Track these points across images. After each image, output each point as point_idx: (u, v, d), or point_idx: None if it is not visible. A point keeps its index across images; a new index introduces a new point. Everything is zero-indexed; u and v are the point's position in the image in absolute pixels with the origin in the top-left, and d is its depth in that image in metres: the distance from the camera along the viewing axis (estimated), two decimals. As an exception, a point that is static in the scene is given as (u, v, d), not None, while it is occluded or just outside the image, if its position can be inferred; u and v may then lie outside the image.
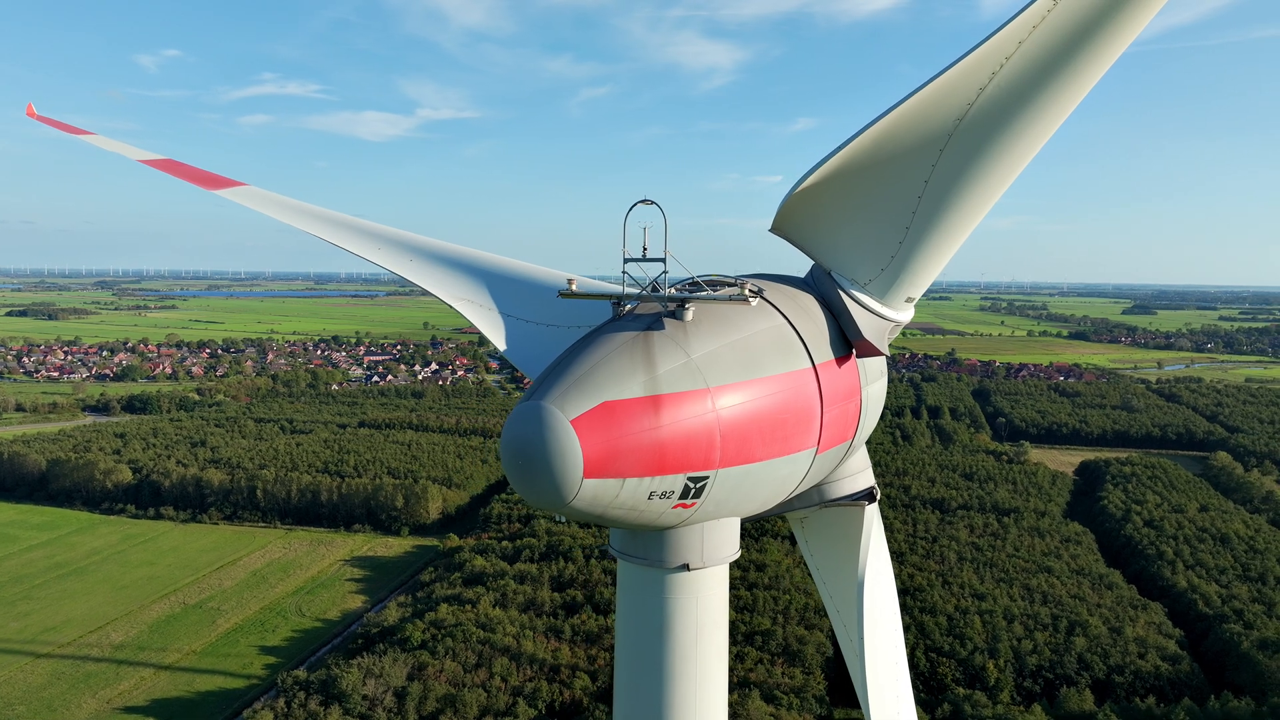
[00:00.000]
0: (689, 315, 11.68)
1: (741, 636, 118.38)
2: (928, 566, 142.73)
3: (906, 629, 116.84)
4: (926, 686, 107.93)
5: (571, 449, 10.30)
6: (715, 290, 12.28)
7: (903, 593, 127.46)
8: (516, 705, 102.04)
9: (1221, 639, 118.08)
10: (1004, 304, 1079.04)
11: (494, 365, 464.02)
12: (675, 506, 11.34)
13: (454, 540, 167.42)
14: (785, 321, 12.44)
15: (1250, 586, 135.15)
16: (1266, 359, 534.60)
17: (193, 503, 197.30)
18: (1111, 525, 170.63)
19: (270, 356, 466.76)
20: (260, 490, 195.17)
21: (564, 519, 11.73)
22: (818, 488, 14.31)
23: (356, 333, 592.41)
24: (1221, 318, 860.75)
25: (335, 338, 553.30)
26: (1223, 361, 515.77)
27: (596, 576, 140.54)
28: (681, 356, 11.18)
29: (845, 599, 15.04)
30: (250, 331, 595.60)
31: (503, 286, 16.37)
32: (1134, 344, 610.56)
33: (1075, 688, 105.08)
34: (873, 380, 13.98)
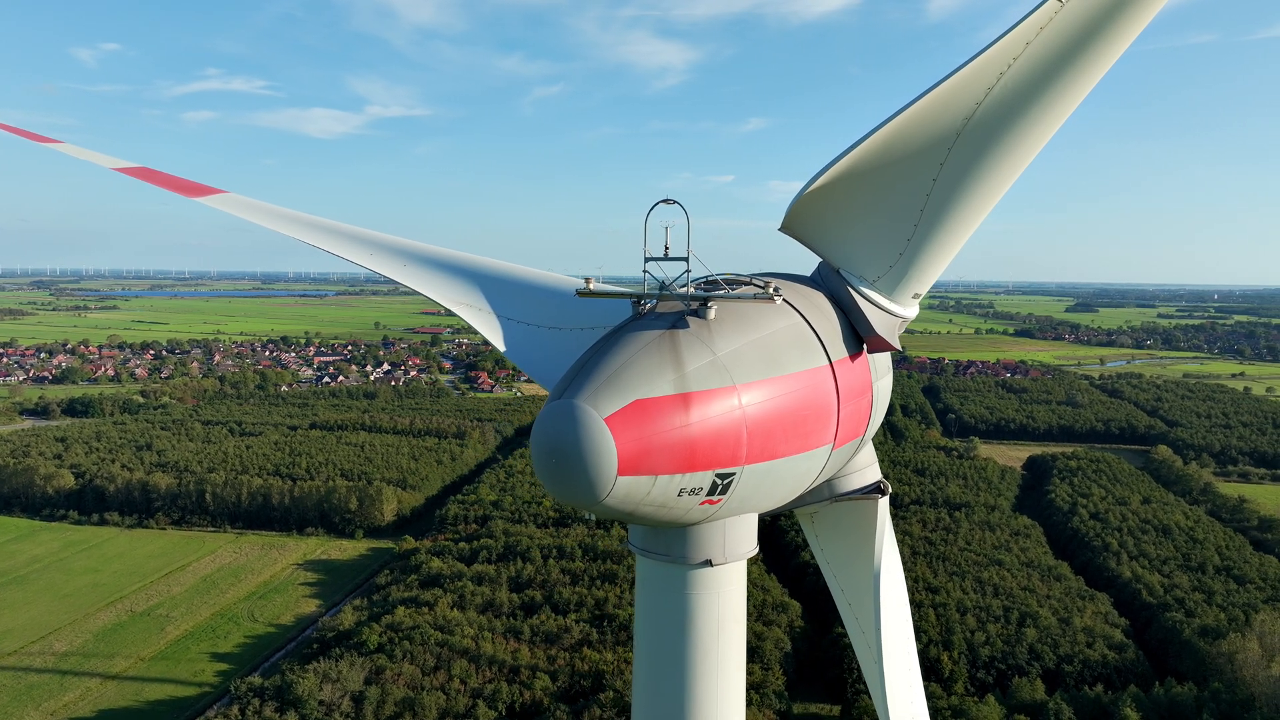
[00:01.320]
0: (712, 314, 11.83)
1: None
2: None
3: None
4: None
5: (606, 447, 10.39)
6: (733, 289, 12.44)
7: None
8: (476, 707, 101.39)
9: (1164, 627, 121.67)
10: (951, 302, 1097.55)
11: (447, 365, 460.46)
12: (702, 503, 11.48)
13: (410, 542, 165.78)
14: (802, 319, 12.66)
15: (1190, 576, 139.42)
16: (1203, 355, 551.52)
17: (139, 508, 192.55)
18: (1059, 518, 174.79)
19: (217, 358, 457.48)
20: (209, 494, 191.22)
21: (591, 516, 11.80)
22: (828, 483, 14.54)
23: (306, 333, 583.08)
24: (1160, 315, 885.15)
25: (284, 338, 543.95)
26: (1161, 358, 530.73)
27: (555, 577, 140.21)
28: (708, 355, 11.32)
29: (858, 593, 15.29)
30: (196, 332, 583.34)
31: (501, 290, 16.41)
32: (1077, 341, 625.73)
33: (1027, 678, 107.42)
34: (881, 376, 14.28)
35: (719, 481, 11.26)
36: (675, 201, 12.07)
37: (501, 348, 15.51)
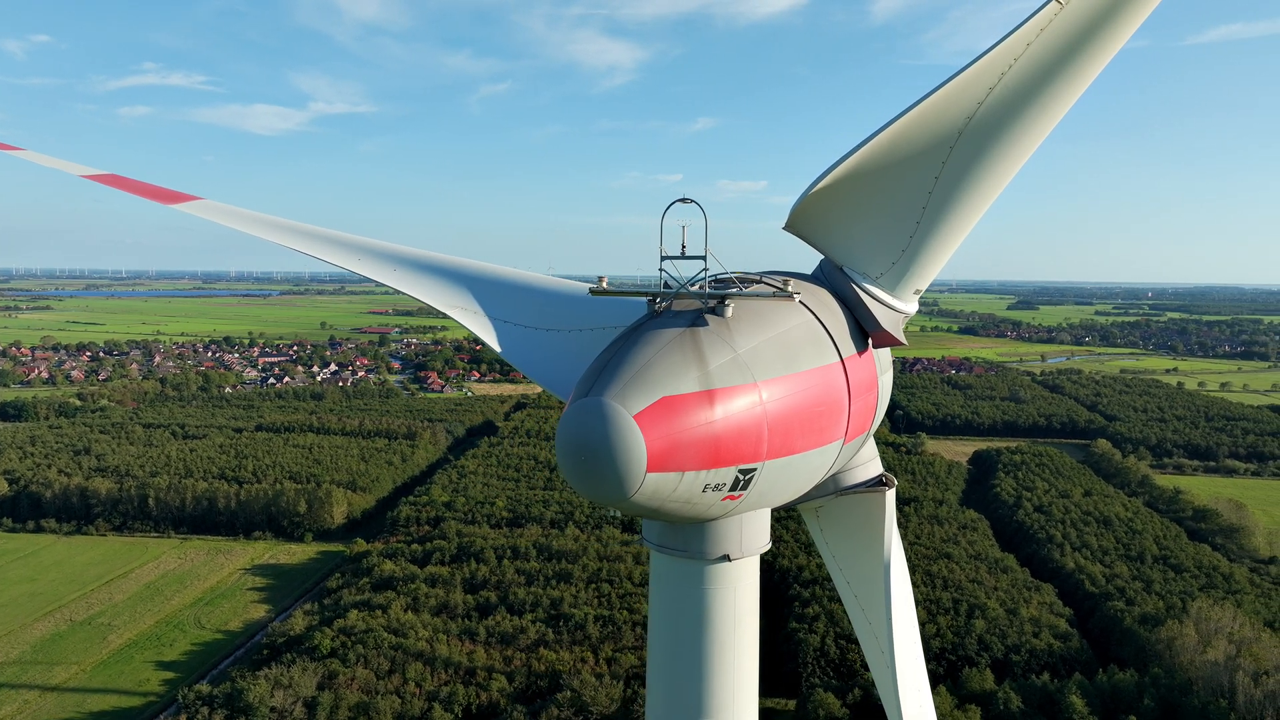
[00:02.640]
0: (729, 312, 11.96)
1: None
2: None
3: (816, 618, 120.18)
4: (838, 673, 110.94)
5: (635, 444, 10.46)
6: (745, 287, 12.58)
7: (812, 583, 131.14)
8: (432, 710, 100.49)
9: (1106, 616, 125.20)
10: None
11: (396, 366, 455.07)
12: (725, 498, 11.60)
13: (361, 545, 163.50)
14: (814, 317, 12.85)
15: (1130, 566, 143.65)
16: (1138, 351, 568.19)
17: (77, 514, 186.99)
18: (1004, 511, 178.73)
19: (157, 359, 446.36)
20: (152, 499, 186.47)
21: (616, 513, 11.85)
22: (833, 477, 14.72)
23: (249, 333, 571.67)
24: (1097, 313, 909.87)
25: (227, 339, 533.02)
26: (1100, 354, 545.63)
27: (510, 577, 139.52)
28: (729, 352, 11.45)
29: (866, 587, 15.51)
30: (134, 333, 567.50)
31: (494, 292, 16.41)
32: (1019, 338, 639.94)
33: (976, 668, 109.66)
34: (884, 371, 14.55)
35: (741, 477, 11.41)
36: (693, 201, 12.19)
37: (499, 349, 15.51)
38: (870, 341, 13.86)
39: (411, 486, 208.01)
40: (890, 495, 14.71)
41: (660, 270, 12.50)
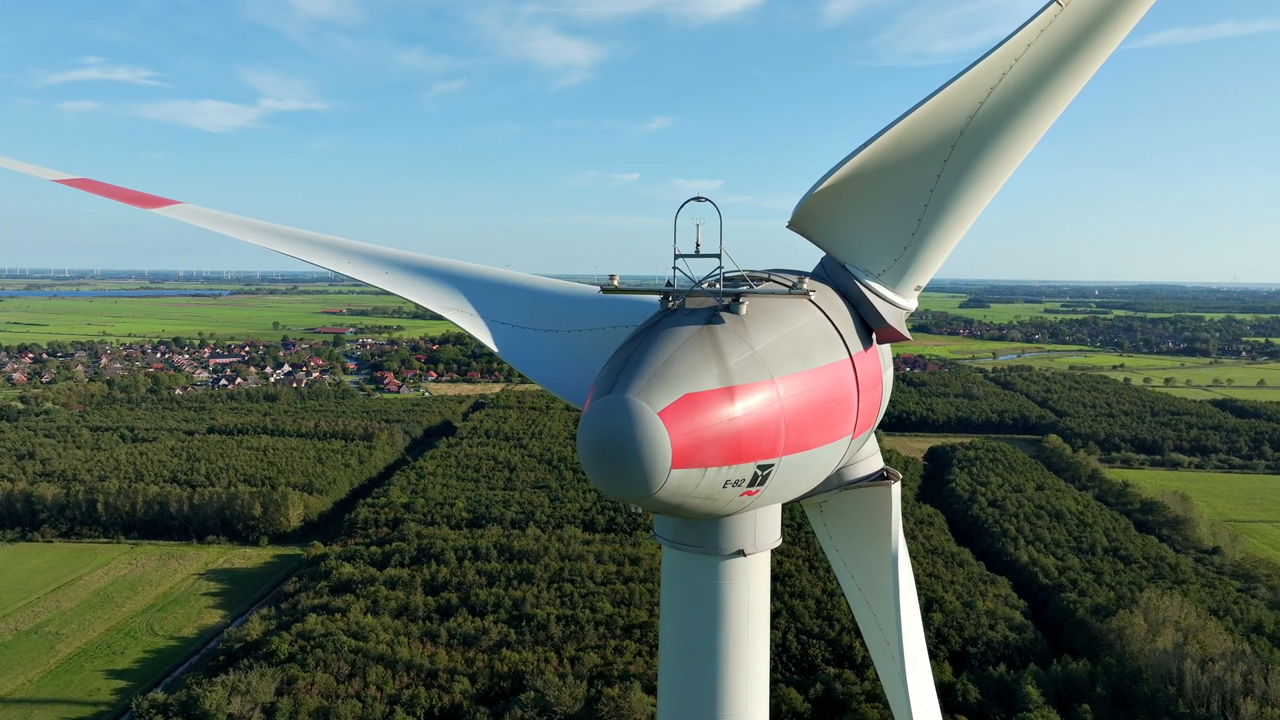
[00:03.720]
0: (744, 309, 12.07)
1: (620, 630, 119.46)
2: (795, 553, 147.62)
3: (777, 614, 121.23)
4: (799, 668, 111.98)
5: (660, 440, 10.51)
6: (754, 285, 12.68)
7: (773, 578, 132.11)
8: (394, 713, 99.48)
9: (1060, 607, 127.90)
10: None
11: (351, 366, 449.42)
12: (743, 494, 11.72)
13: (318, 548, 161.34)
14: (823, 314, 13.03)
15: (1082, 558, 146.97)
16: (1086, 348, 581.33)
17: (21, 520, 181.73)
18: (960, 506, 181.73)
19: (104, 360, 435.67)
20: (101, 503, 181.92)
21: (638, 509, 11.93)
22: (838, 472, 14.90)
23: (200, 334, 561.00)
24: (1046, 310, 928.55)
25: (176, 339, 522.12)
26: (1049, 351, 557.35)
27: (471, 578, 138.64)
28: (746, 349, 11.58)
29: (872, 580, 15.70)
30: (79, 334, 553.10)
31: (488, 294, 16.46)
32: (971, 336, 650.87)
33: (935, 660, 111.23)
34: (886, 367, 14.78)
35: (759, 472, 11.54)
36: (707, 199, 12.26)
37: (496, 350, 15.56)
38: (874, 337, 14.06)
39: (369, 488, 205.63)
40: (896, 489, 14.92)
41: (674, 269, 12.62)
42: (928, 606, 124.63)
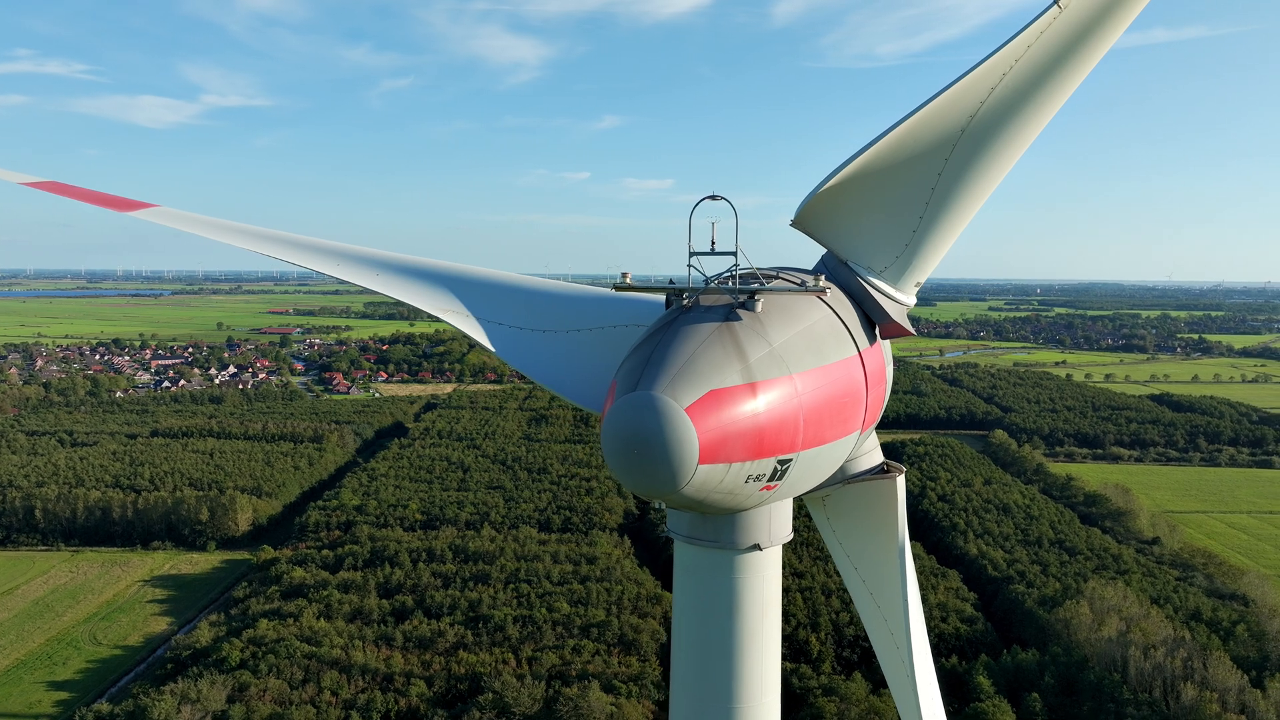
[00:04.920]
0: (759, 306, 12.20)
1: (578, 629, 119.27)
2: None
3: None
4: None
5: (688, 437, 10.58)
6: (765, 283, 12.80)
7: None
8: (349, 719, 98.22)
9: (1009, 599, 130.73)
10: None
11: (299, 367, 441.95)
12: (763, 489, 11.86)
13: (269, 552, 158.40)
14: (831, 311, 13.22)
15: (1029, 550, 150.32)
16: (1030, 345, 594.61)
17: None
18: (910, 501, 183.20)
19: (40, 363, 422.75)
20: (39, 510, 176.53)
21: (661, 505, 11.94)
22: (841, 466, 15.06)
23: (141, 335, 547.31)
24: (991, 308, 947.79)
25: (116, 340, 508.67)
26: (994, 348, 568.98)
27: (426, 580, 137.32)
28: (765, 346, 11.73)
29: (877, 573, 15.87)
30: (12, 335, 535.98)
31: (483, 294, 16.39)
32: (918, 333, 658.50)
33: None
34: (888, 363, 15.06)
35: (779, 467, 11.69)
36: (722, 198, 12.34)
37: (494, 350, 15.54)
38: (878, 333, 14.29)
39: (320, 491, 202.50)
40: (901, 481, 15.15)
41: (689, 266, 12.71)
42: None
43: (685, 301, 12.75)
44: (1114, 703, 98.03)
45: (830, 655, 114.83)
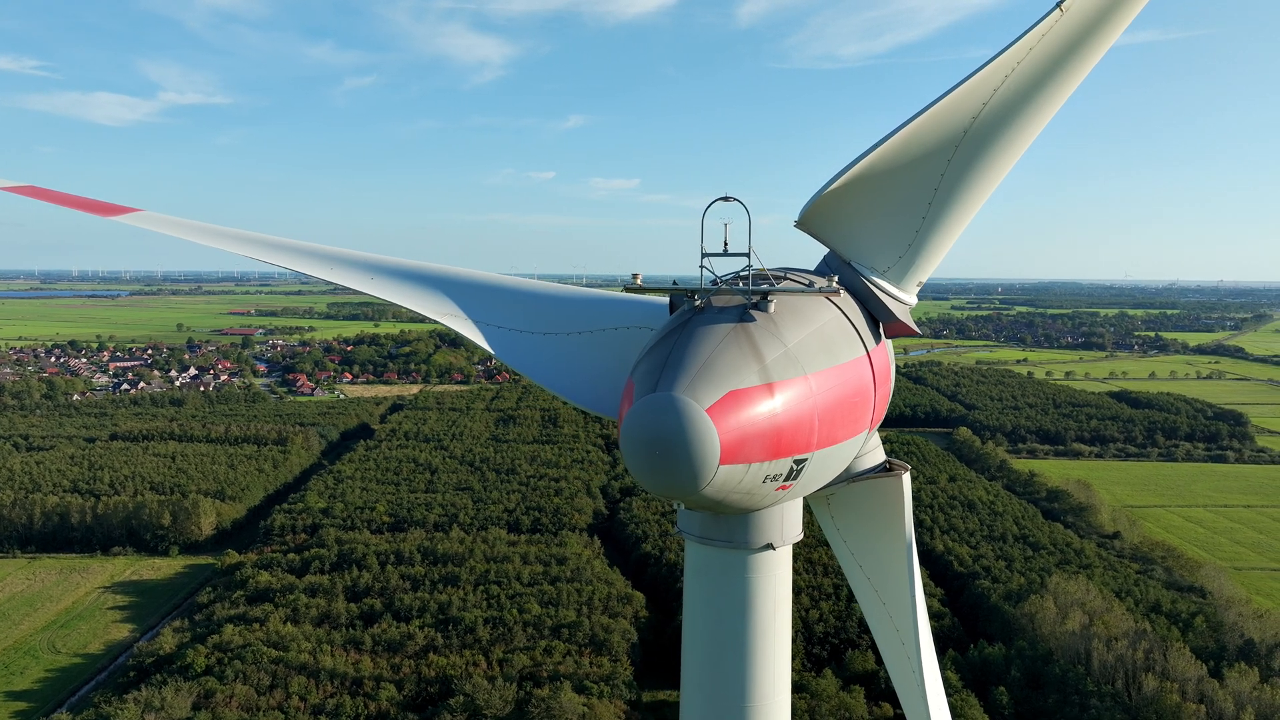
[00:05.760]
0: (772, 307, 12.27)
1: (549, 630, 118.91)
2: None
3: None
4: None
5: (709, 437, 10.60)
6: (774, 283, 12.88)
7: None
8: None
9: (975, 594, 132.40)
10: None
11: (261, 369, 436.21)
12: (779, 489, 11.93)
13: (233, 556, 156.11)
14: (840, 311, 13.34)
15: (994, 546, 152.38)
16: (992, 343, 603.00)
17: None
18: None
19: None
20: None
21: (679, 505, 11.92)
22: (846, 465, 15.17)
23: (98, 337, 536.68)
24: (953, 307, 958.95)
25: (72, 342, 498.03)
26: (957, 346, 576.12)
27: (395, 583, 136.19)
28: (780, 346, 11.79)
29: (882, 572, 15.93)
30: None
31: (479, 297, 16.38)
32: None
33: (858, 650, 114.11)
34: (891, 361, 15.20)
35: (794, 467, 11.78)
36: (735, 199, 12.39)
37: (492, 352, 15.55)
38: (883, 332, 14.45)
39: (285, 494, 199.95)
40: (906, 479, 15.30)
41: (701, 268, 12.79)
42: (850, 597, 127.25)
43: (698, 303, 12.80)
44: (1078, 695, 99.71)
45: (800, 652, 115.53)
